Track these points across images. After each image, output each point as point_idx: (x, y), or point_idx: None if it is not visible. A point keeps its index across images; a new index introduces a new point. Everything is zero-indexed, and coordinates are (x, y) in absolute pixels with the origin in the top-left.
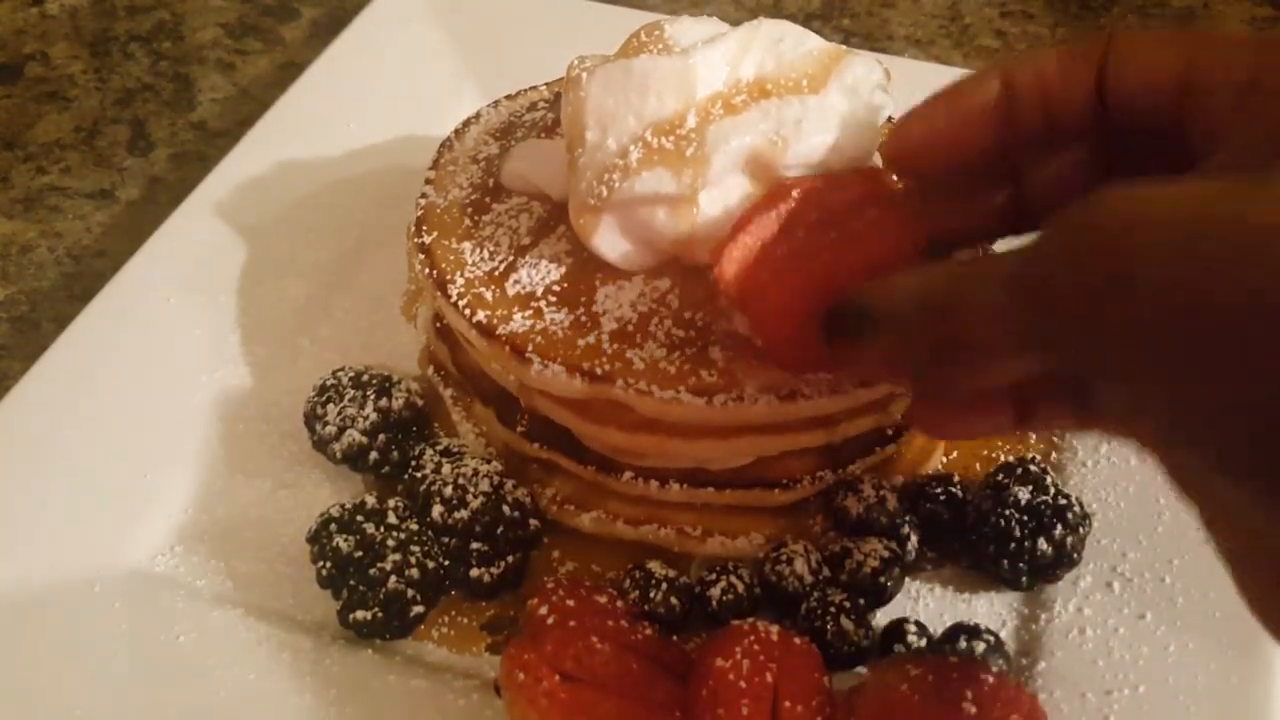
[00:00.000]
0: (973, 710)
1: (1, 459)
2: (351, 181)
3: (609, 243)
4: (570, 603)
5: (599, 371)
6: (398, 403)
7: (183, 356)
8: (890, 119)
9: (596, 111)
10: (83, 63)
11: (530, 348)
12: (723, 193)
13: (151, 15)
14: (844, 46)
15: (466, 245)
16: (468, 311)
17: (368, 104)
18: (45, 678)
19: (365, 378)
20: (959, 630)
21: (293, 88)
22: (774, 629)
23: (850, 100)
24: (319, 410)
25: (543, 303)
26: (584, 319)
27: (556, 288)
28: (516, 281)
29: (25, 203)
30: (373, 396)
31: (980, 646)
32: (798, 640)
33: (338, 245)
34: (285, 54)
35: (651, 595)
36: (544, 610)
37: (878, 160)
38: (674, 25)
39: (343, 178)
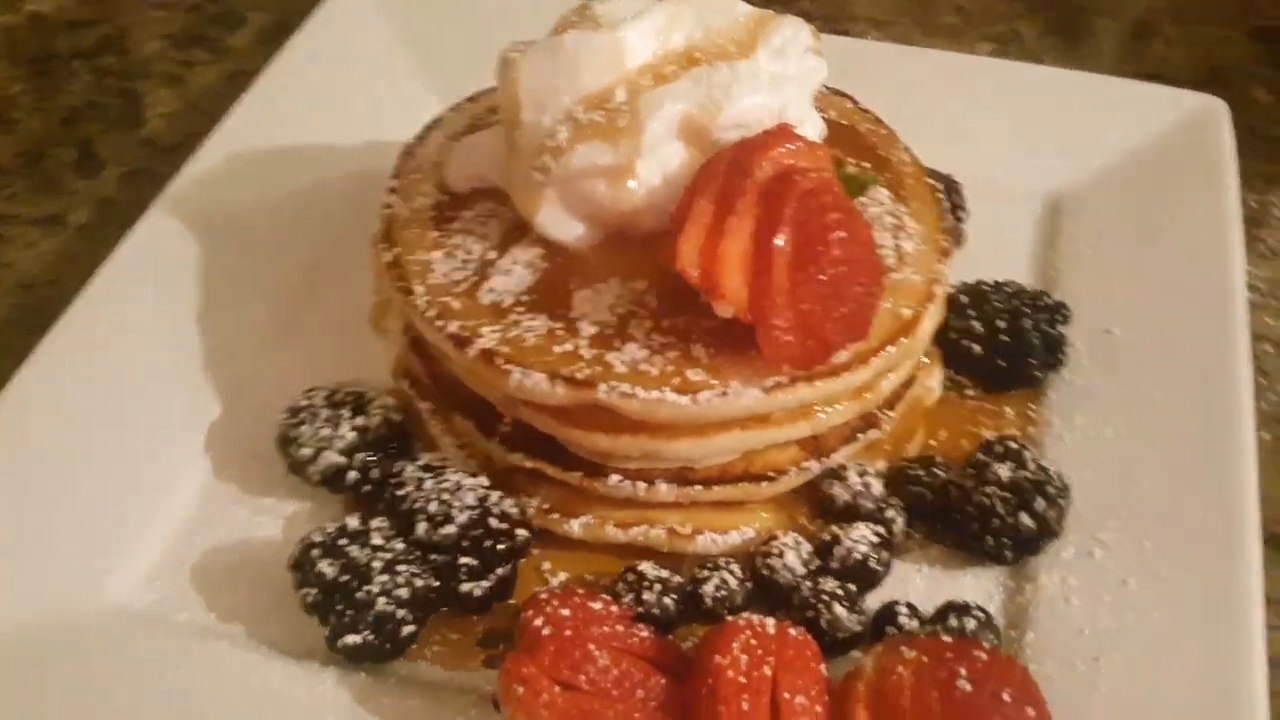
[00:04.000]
0: (968, 688)
1: None
2: (310, 192)
3: (554, 220)
4: (565, 612)
5: (580, 377)
6: (374, 420)
7: (148, 386)
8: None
9: (530, 91)
10: (23, 83)
11: (508, 357)
12: (661, 161)
13: (93, 30)
14: (770, 11)
15: (436, 255)
16: (440, 324)
17: (322, 111)
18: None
19: (339, 396)
20: (949, 609)
21: (243, 98)
22: (769, 622)
23: (779, 62)
24: (292, 433)
25: (518, 310)
26: (561, 325)
27: (531, 294)
28: (490, 290)
29: None
30: (348, 415)
31: (971, 623)
32: (793, 632)
33: (300, 259)
34: (234, 63)
35: (646, 597)
36: (539, 621)
37: (812, 117)
38: (602, 3)
39: (301, 188)
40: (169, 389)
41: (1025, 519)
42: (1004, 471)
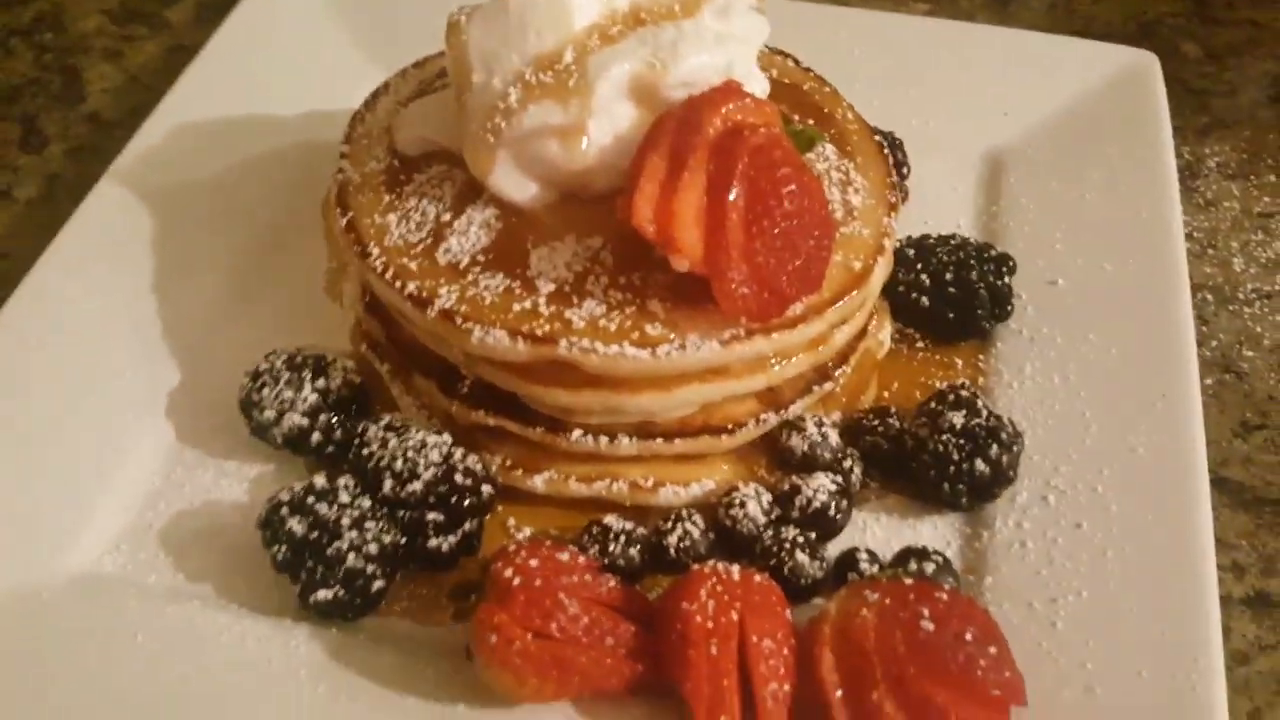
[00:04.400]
0: (930, 627)
1: None
2: (258, 163)
3: (507, 181)
4: (534, 562)
5: (540, 333)
6: (335, 382)
7: (105, 356)
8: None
9: (479, 53)
10: None
11: (467, 316)
12: (612, 120)
13: (30, 7)
14: None
15: (391, 218)
16: (398, 285)
17: (265, 82)
18: (8, 685)
19: (299, 359)
20: (908, 554)
21: (186, 72)
22: (734, 569)
23: (724, 21)
24: (254, 396)
25: (475, 270)
26: (519, 283)
27: (487, 254)
28: (446, 250)
29: None
30: (309, 377)
31: (930, 567)
32: (758, 578)
33: (251, 229)
34: (173, 37)
35: (611, 549)
36: (509, 572)
37: (757, 75)
38: None
39: (248, 159)
40: (127, 358)
41: (980, 465)
42: (957, 419)
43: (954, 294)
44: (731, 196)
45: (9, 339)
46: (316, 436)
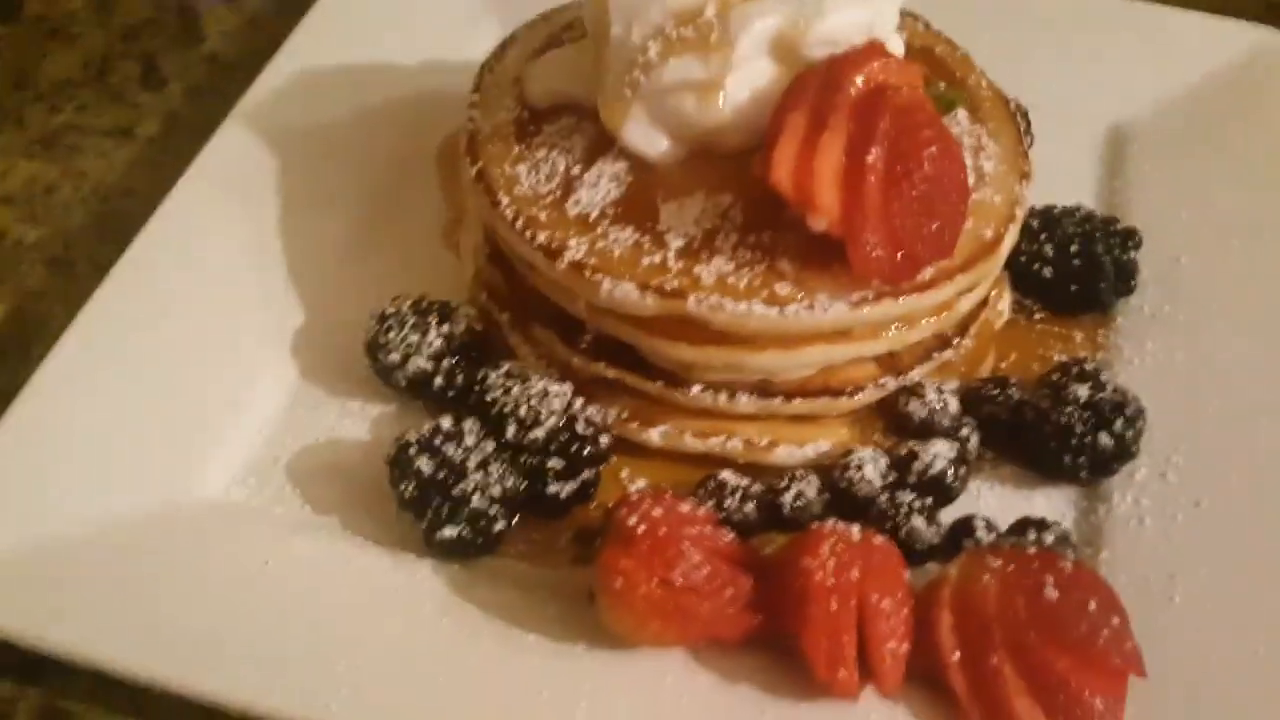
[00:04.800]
0: (1054, 595)
1: (67, 403)
2: (377, 111)
3: (640, 135)
4: (657, 511)
5: (670, 288)
6: (459, 328)
7: (232, 294)
8: None
9: (619, 5)
10: None
11: (596, 268)
12: (749, 77)
13: None
14: None
15: (521, 168)
16: (529, 235)
17: (381, 30)
18: (145, 605)
19: (425, 305)
20: (1027, 524)
21: (306, 17)
22: (855, 529)
23: None
24: (381, 339)
25: (605, 222)
26: (649, 237)
27: (617, 207)
28: (576, 202)
29: (43, 142)
30: (435, 322)
31: (1049, 538)
32: (878, 539)
33: (370, 177)
34: None
35: (726, 504)
36: (634, 520)
37: (895, 36)
38: None
39: (367, 107)
40: (254, 298)
41: (1104, 438)
42: (1082, 392)
43: (1078, 267)
44: (871, 158)
45: (138, 276)
46: (439, 381)
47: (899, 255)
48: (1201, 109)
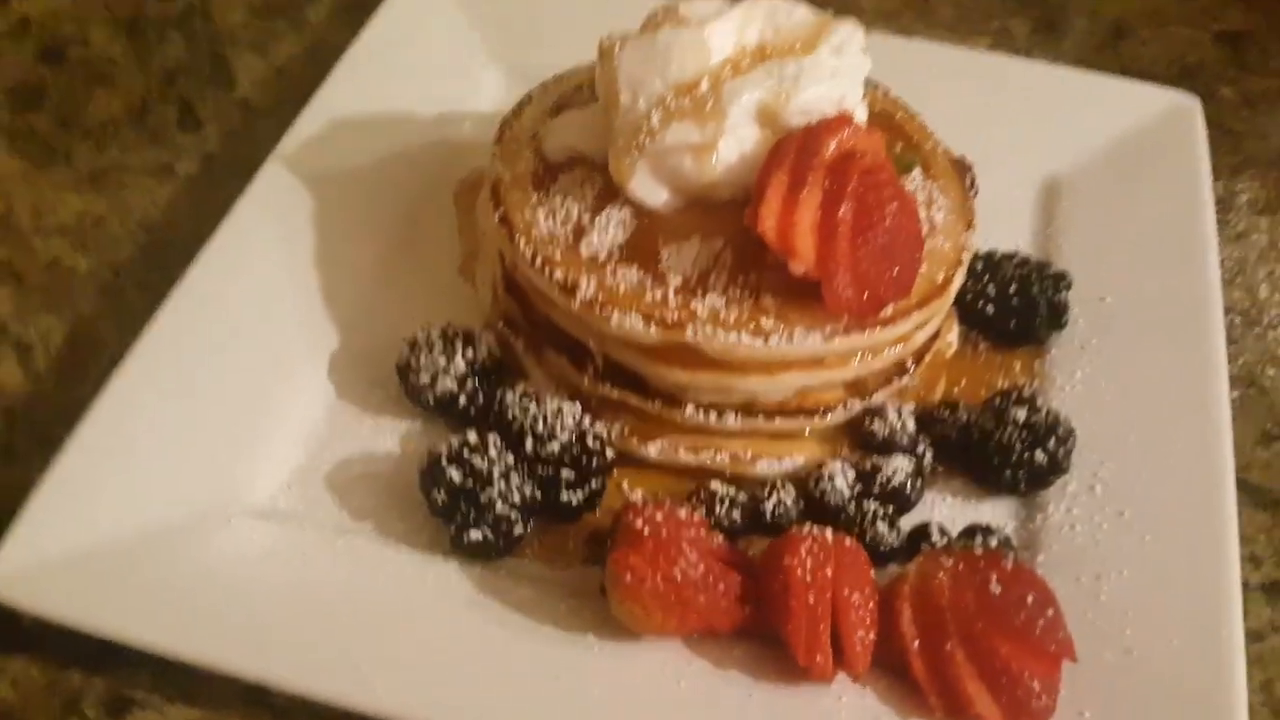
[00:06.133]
0: (998, 590)
1: (128, 416)
2: (399, 155)
3: (644, 188)
4: (659, 517)
5: (670, 320)
6: (482, 353)
7: (276, 319)
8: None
9: (628, 78)
10: (122, 45)
11: (606, 302)
12: (739, 140)
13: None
14: (829, 14)
15: (539, 213)
16: (547, 272)
17: (404, 83)
18: (202, 600)
19: (451, 331)
20: (974, 529)
21: (333, 71)
22: (828, 532)
23: (837, 58)
24: (412, 362)
25: (612, 262)
26: (651, 276)
27: (623, 250)
28: (588, 244)
29: (91, 179)
30: (460, 348)
31: (994, 541)
32: (848, 541)
33: (394, 215)
34: (313, 34)
35: (716, 510)
36: (639, 523)
37: (861, 106)
38: (686, 4)
39: (390, 152)
40: (294, 324)
41: (1039, 455)
42: (1020, 414)
43: (1017, 304)
44: (842, 212)
45: (192, 304)
46: (463, 400)
47: (865, 295)
48: (1124, 163)
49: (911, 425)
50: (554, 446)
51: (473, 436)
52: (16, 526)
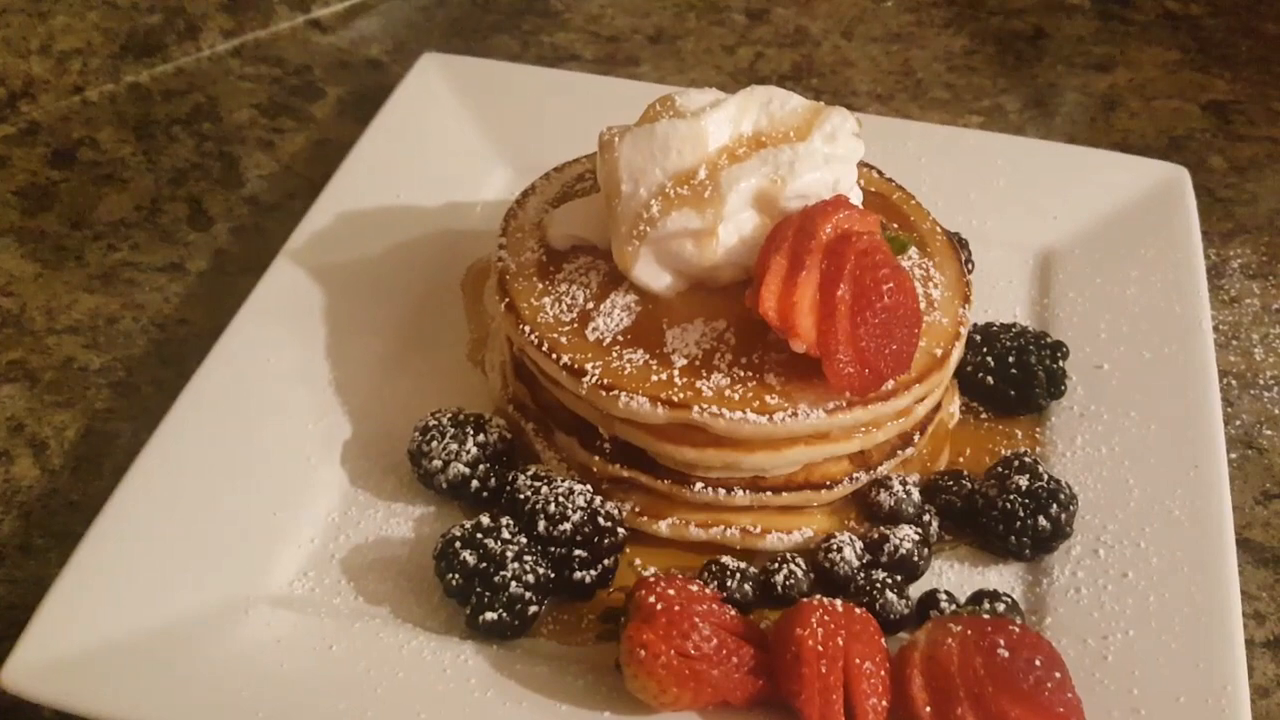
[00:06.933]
0: (1006, 654)
1: (145, 510)
2: (405, 246)
3: (647, 273)
4: (671, 591)
5: (676, 400)
6: (493, 437)
7: (289, 409)
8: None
9: (628, 167)
10: (131, 146)
11: (614, 385)
12: (737, 225)
13: (186, 99)
14: (821, 103)
15: (545, 300)
16: (554, 357)
17: (408, 176)
18: (225, 687)
19: (461, 416)
20: (982, 595)
21: (342, 164)
22: (838, 603)
23: (830, 145)
24: (424, 447)
25: (618, 346)
26: (656, 358)
27: (628, 333)
28: (594, 329)
29: (103, 278)
30: (471, 433)
31: (1000, 606)
32: (858, 610)
33: (403, 305)
34: (319, 131)
35: (728, 584)
36: (652, 599)
37: (855, 188)
38: (683, 96)
39: (397, 243)
40: (307, 413)
41: (1042, 521)
42: (1022, 481)
43: (1015, 375)
44: (840, 291)
45: (206, 398)
46: (475, 484)
47: (866, 371)
48: (1117, 234)
49: (917, 495)
50: (566, 527)
51: (486, 519)
52: (36, 621)
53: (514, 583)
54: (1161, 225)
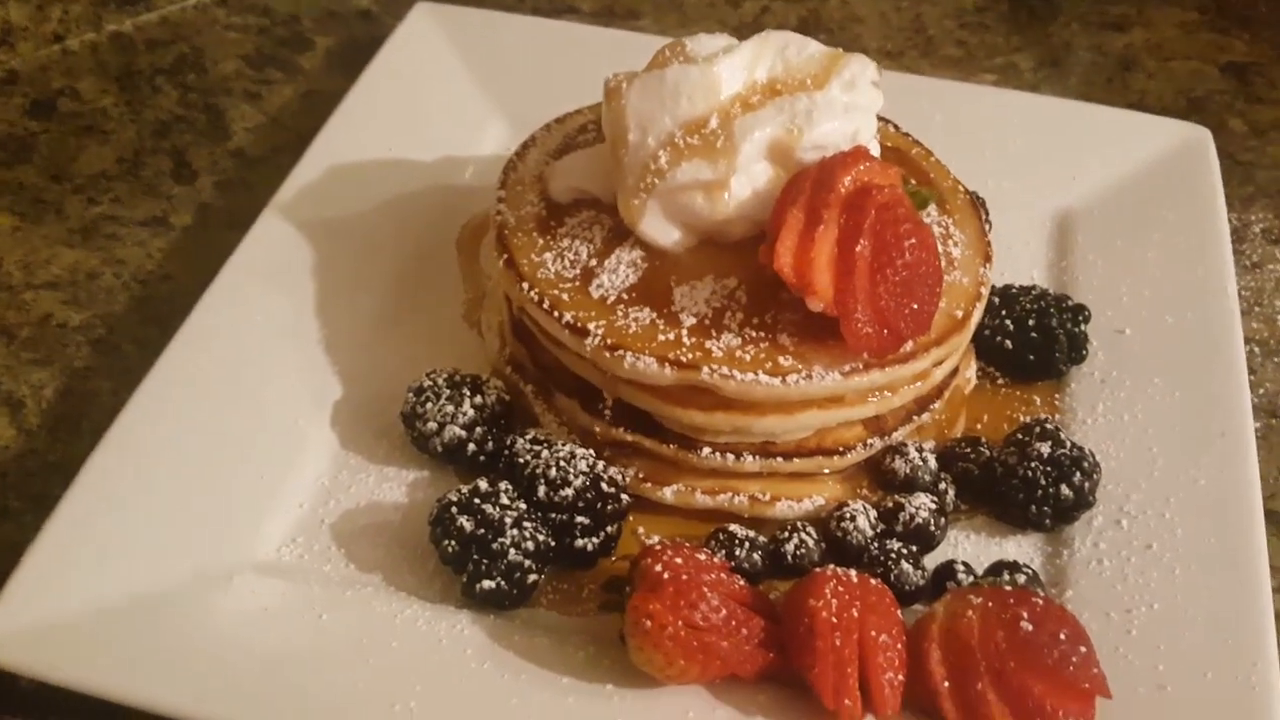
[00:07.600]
0: (1029, 628)
1: (125, 473)
2: (398, 202)
3: (655, 228)
4: (679, 560)
5: (685, 360)
6: (490, 399)
7: (277, 369)
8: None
9: (636, 115)
10: (113, 96)
11: (619, 344)
12: (751, 177)
13: (171, 49)
14: (839, 50)
15: (546, 256)
16: (556, 315)
17: (401, 129)
18: (212, 656)
19: (458, 378)
20: (1001, 566)
21: (332, 117)
22: (852, 573)
23: (850, 93)
24: (418, 409)
25: (623, 304)
26: (663, 317)
27: (634, 291)
28: (599, 286)
29: (83, 232)
30: (468, 394)
31: (1021, 578)
32: (873, 581)
33: (396, 263)
34: (306, 82)
35: (736, 553)
36: (658, 567)
37: (874, 141)
38: (694, 42)
39: (389, 199)
40: (295, 373)
41: (1065, 490)
42: (1044, 449)
43: (1035, 339)
44: (859, 247)
45: (192, 355)
46: (471, 447)
47: (885, 331)
48: (1138, 196)
49: (933, 462)
50: (568, 492)
51: (483, 484)
52: (12, 586)
53: (513, 550)
54: (1183, 188)
